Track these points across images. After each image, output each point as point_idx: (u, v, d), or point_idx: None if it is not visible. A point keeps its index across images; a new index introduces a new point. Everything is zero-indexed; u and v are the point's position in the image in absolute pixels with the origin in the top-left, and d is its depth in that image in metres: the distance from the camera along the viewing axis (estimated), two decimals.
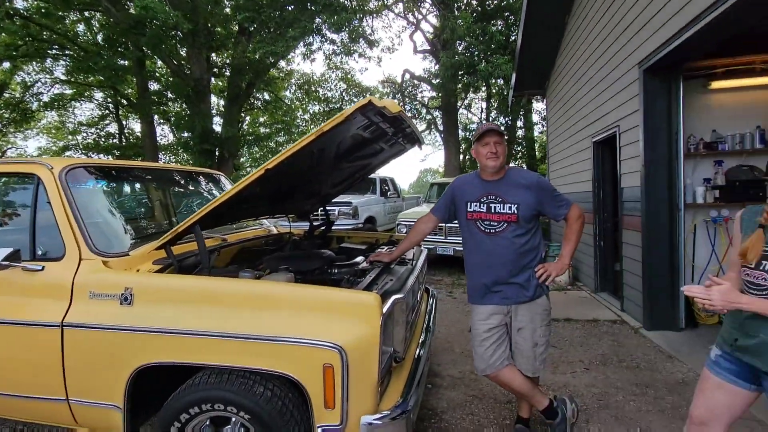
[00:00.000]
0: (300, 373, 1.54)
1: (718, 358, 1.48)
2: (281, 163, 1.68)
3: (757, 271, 1.35)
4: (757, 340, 1.32)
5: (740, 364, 1.40)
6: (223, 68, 15.52)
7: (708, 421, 1.48)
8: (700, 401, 1.51)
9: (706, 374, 1.51)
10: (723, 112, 4.16)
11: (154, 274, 1.79)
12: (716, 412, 1.46)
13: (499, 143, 2.03)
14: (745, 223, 1.46)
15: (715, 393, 1.46)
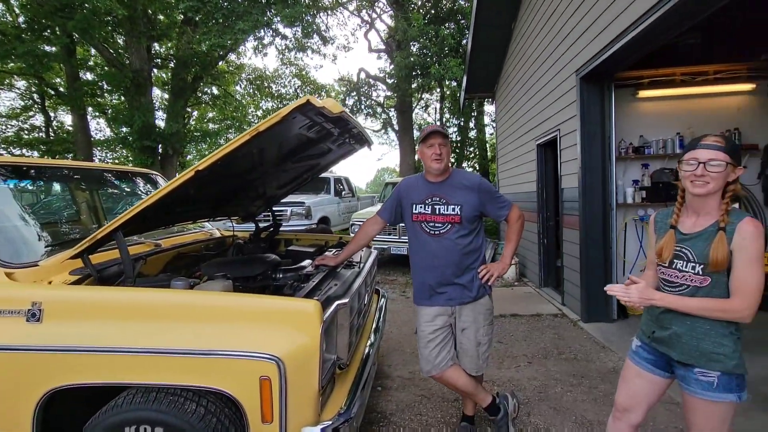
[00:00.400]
0: (235, 388, 1.45)
1: (638, 348, 1.59)
2: (214, 164, 1.57)
3: (671, 269, 1.45)
4: (670, 332, 1.44)
5: (657, 354, 1.52)
6: (167, 60, 14.60)
7: (630, 408, 1.58)
8: (623, 390, 1.61)
9: (628, 364, 1.62)
10: (649, 119, 4.51)
11: (67, 287, 1.62)
12: (637, 399, 1.56)
13: (444, 145, 2.05)
14: (658, 225, 1.57)
15: (636, 381, 1.57)
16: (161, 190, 1.57)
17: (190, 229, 3.09)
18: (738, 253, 1.31)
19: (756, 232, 1.30)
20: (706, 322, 1.37)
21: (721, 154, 1.33)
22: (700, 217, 1.42)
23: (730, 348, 1.35)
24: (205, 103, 17.84)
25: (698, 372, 1.38)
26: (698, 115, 4.45)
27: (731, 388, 1.35)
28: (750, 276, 1.30)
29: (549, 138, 5.13)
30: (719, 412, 1.36)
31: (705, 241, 1.36)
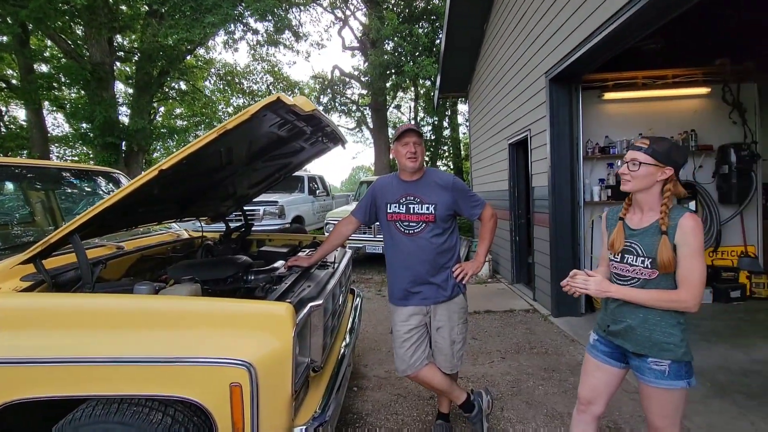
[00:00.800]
0: (203, 396, 1.39)
1: (596, 342, 1.66)
2: (179, 163, 1.50)
3: (622, 264, 1.53)
4: (625, 324, 1.51)
5: (613, 346, 1.59)
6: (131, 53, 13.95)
7: (593, 400, 1.65)
8: (586, 383, 1.68)
9: (588, 358, 1.69)
10: (614, 120, 4.69)
11: (18, 294, 1.51)
12: (599, 391, 1.63)
13: (418, 144, 2.04)
14: (609, 221, 1.65)
15: (596, 373, 1.64)
16: (122, 191, 1.48)
17: (156, 231, 2.96)
18: (681, 248, 1.39)
19: (696, 226, 1.39)
20: (657, 314, 1.45)
21: (640, 155, 1.44)
22: (645, 213, 1.51)
23: (678, 337, 1.44)
24: (173, 98, 17.17)
25: (651, 362, 1.45)
26: (659, 116, 4.67)
27: (681, 375, 1.43)
28: (693, 268, 1.38)
29: (520, 138, 5.24)
30: (673, 398, 1.44)
31: (651, 237, 1.45)
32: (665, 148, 1.44)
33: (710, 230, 4.62)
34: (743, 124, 4.61)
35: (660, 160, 1.43)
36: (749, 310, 4.24)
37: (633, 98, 4.65)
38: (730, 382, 2.78)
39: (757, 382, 2.76)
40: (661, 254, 1.40)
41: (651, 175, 1.44)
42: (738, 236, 4.71)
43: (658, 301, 1.42)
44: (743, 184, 4.46)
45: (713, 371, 2.93)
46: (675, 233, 1.40)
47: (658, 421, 1.49)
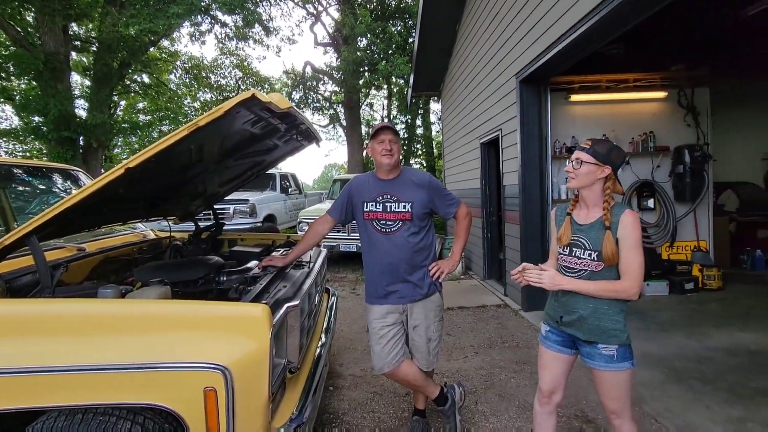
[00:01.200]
0: (176, 403, 1.35)
1: (548, 333, 1.77)
2: (148, 161, 1.44)
3: (570, 257, 1.64)
4: (577, 315, 1.62)
5: (564, 335, 1.70)
6: (88, 43, 13.17)
7: (555, 389, 1.76)
8: (545, 375, 1.77)
9: (543, 351, 1.78)
10: (580, 122, 4.89)
11: None
12: (558, 379, 1.75)
13: (394, 141, 2.04)
14: (558, 218, 1.77)
15: (554, 364, 1.74)
16: (85, 189, 1.40)
17: (120, 231, 2.83)
18: (622, 241, 1.52)
19: (635, 222, 1.53)
20: (606, 303, 1.57)
21: (583, 155, 1.58)
22: (590, 209, 1.63)
23: (622, 323, 1.58)
24: (135, 92, 16.37)
25: (601, 347, 1.58)
26: (621, 118, 4.90)
27: (626, 357, 1.57)
28: (633, 260, 1.51)
29: (492, 137, 5.36)
30: (622, 379, 1.57)
31: (597, 232, 1.57)
32: (605, 149, 1.58)
33: (667, 226, 4.91)
34: (696, 126, 4.91)
35: (600, 159, 1.56)
36: (702, 300, 4.54)
37: (597, 100, 4.86)
38: (685, 368, 2.96)
39: (711, 368, 2.96)
40: (605, 248, 1.52)
41: (592, 173, 1.57)
42: (691, 232, 5.02)
43: (605, 291, 1.54)
44: (696, 183, 4.75)
45: (670, 359, 3.12)
46: (617, 228, 1.53)
47: (613, 405, 1.61)
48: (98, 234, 2.60)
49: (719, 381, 2.76)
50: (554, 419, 1.81)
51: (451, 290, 5.53)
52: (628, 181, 4.89)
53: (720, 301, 4.48)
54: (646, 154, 4.87)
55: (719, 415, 2.36)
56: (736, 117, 6.76)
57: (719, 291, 4.80)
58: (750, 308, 4.21)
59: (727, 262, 5.70)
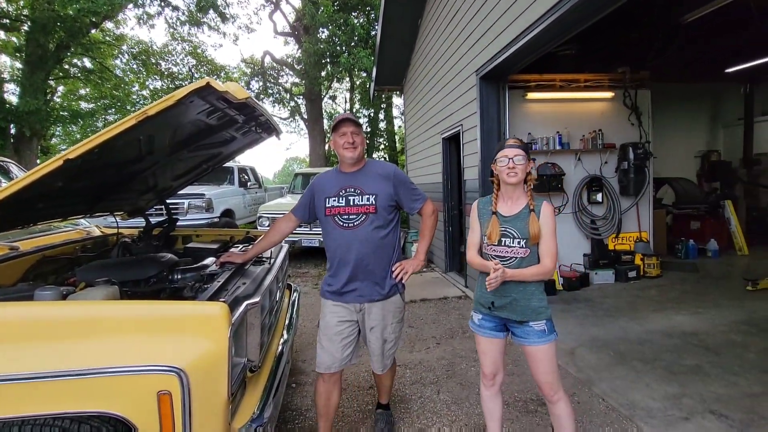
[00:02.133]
0: (126, 409, 1.27)
1: (481, 321, 1.87)
2: (90, 152, 1.33)
3: (500, 246, 1.77)
4: (510, 299, 1.75)
5: (496, 320, 1.82)
6: (18, 21, 11.98)
7: (497, 371, 1.90)
8: (486, 361, 1.89)
9: (480, 339, 1.89)
10: (535, 119, 5.09)
11: None
12: (498, 362, 1.88)
13: (357, 133, 1.98)
14: (481, 211, 1.87)
15: (491, 348, 1.87)
16: (17, 183, 1.28)
17: (60, 228, 2.62)
18: (544, 228, 1.72)
19: (552, 212, 1.76)
20: (532, 285, 1.75)
21: (521, 151, 1.73)
22: (513, 202, 1.79)
23: (545, 301, 1.77)
24: (74, 77, 15.13)
25: (533, 324, 1.74)
26: (573, 117, 5.15)
27: (552, 330, 1.76)
28: (553, 243, 1.74)
29: (453, 132, 5.46)
30: (552, 350, 1.75)
31: (523, 221, 1.73)
32: (526, 146, 1.80)
33: (613, 219, 5.24)
34: (639, 125, 5.26)
35: (528, 155, 1.76)
36: (643, 287, 4.90)
37: (552, 99, 5.07)
38: (628, 350, 3.19)
39: (650, 349, 3.21)
40: (532, 227, 1.71)
41: (526, 167, 1.75)
42: (634, 224, 5.40)
43: (538, 274, 1.73)
44: (639, 178, 5.10)
45: (615, 342, 3.35)
46: (539, 215, 1.73)
47: (549, 377, 1.76)
48: (34, 231, 2.38)
49: (657, 361, 3.00)
50: (500, 400, 1.95)
51: (414, 283, 5.61)
52: (579, 176, 5.17)
53: (658, 288, 4.86)
54: (595, 151, 5.16)
55: (658, 393, 2.57)
56: (674, 116, 7.33)
57: (658, 278, 5.20)
58: (684, 293, 4.61)
59: (664, 251, 6.20)
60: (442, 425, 2.36)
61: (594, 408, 2.45)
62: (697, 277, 5.28)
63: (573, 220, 5.20)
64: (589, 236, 5.25)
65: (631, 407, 2.42)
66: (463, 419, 2.41)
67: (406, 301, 2.23)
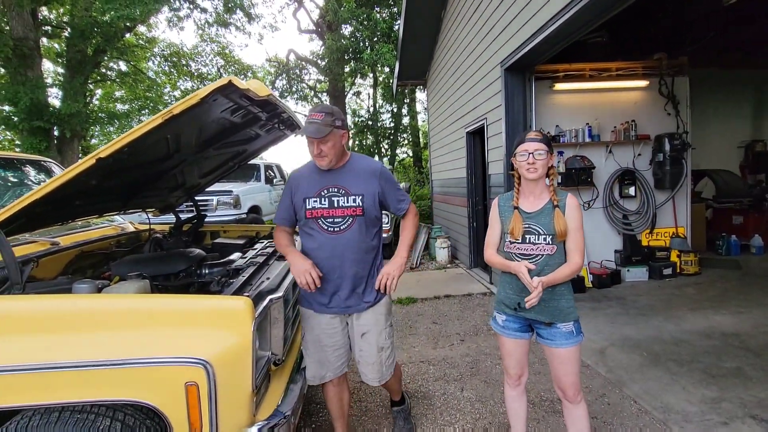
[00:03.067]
0: (156, 398, 1.32)
1: (505, 323, 1.80)
2: (120, 151, 1.38)
3: (525, 244, 1.69)
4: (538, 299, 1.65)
5: (521, 321, 1.76)
6: (60, 28, 12.62)
7: (521, 372, 1.85)
8: (511, 362, 1.83)
9: (504, 340, 1.82)
10: (563, 111, 4.91)
11: None
12: (522, 363, 1.83)
13: (324, 142, 1.70)
14: (502, 208, 1.80)
15: (517, 350, 1.81)
16: (53, 181, 1.35)
17: (97, 224, 2.74)
18: (570, 222, 1.64)
19: (578, 205, 1.68)
20: (561, 285, 1.66)
21: (542, 145, 1.64)
22: (536, 198, 1.71)
23: (572, 300, 1.69)
24: (111, 80, 15.82)
25: (561, 326, 1.66)
26: (603, 108, 4.94)
27: (580, 331, 1.69)
28: (580, 238, 1.66)
29: (477, 126, 5.36)
30: (578, 351, 1.68)
31: (547, 216, 1.66)
32: (548, 138, 1.70)
33: (647, 213, 5.01)
34: (676, 115, 4.99)
35: (550, 148, 1.67)
36: (679, 285, 4.67)
37: (581, 89, 4.88)
38: (663, 351, 3.05)
39: (687, 350, 3.06)
40: (558, 224, 1.62)
41: (547, 162, 1.67)
42: (670, 218, 5.15)
43: (570, 275, 1.64)
44: (675, 170, 4.85)
45: (649, 342, 3.21)
46: (564, 210, 1.65)
47: (571, 379, 1.69)
48: (73, 227, 2.51)
49: (695, 363, 2.86)
50: (525, 400, 1.92)
51: (438, 279, 5.57)
52: (610, 170, 4.97)
53: (696, 286, 4.62)
54: (628, 143, 4.94)
55: (694, 396, 2.45)
56: (715, 105, 6.91)
57: (696, 276, 4.95)
58: (724, 291, 4.36)
59: (703, 248, 5.88)
60: (466, 422, 2.34)
61: (625, 410, 2.36)
62: (739, 274, 4.98)
63: (603, 215, 5.01)
64: (621, 232, 5.04)
65: (665, 410, 2.32)
66: (487, 417, 2.38)
67: (430, 297, 2.19)
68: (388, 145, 19.24)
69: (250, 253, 2.36)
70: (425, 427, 2.32)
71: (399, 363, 2.19)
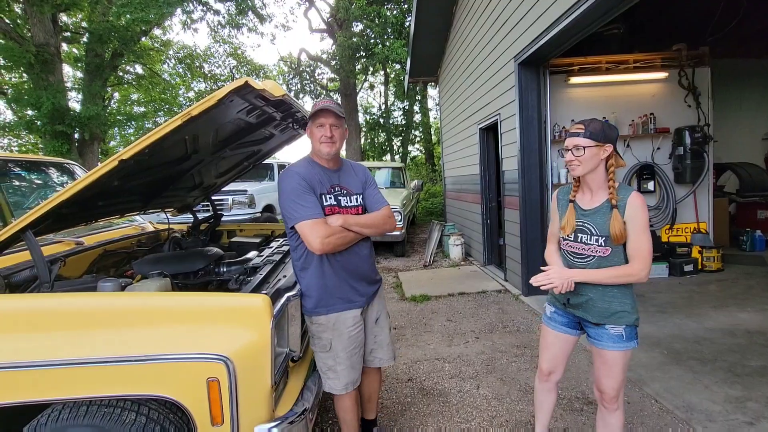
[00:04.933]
0: (179, 393, 1.36)
1: (553, 314, 1.77)
2: (141, 152, 1.42)
3: (577, 243, 1.61)
4: (586, 298, 1.61)
5: (570, 316, 1.70)
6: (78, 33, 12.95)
7: (554, 369, 1.80)
8: (547, 355, 1.80)
9: (546, 331, 1.79)
10: (579, 104, 4.83)
11: None
12: (559, 359, 1.78)
13: (337, 126, 1.75)
14: (560, 201, 1.72)
15: (556, 344, 1.76)
16: (79, 183, 1.39)
17: (118, 224, 2.82)
18: (630, 224, 1.50)
19: (643, 204, 1.51)
20: (614, 286, 1.56)
21: (581, 140, 1.51)
22: (594, 193, 1.59)
23: (631, 305, 1.58)
24: (128, 83, 16.18)
25: (610, 328, 1.57)
26: (620, 101, 4.84)
27: (632, 337, 1.58)
28: (643, 242, 1.50)
29: (490, 122, 5.30)
30: (626, 358, 1.59)
31: (603, 216, 1.54)
32: (599, 127, 1.53)
33: (667, 209, 4.90)
34: (697, 107, 4.85)
35: (599, 140, 1.51)
36: (701, 282, 4.56)
37: (597, 82, 4.79)
38: (684, 349, 2.99)
39: (709, 348, 2.98)
40: (613, 227, 1.50)
41: (595, 155, 1.52)
42: (691, 214, 5.02)
43: (617, 277, 1.52)
44: (696, 164, 4.72)
45: (669, 340, 3.14)
46: (624, 209, 1.51)
47: (612, 383, 1.61)
48: (96, 227, 2.58)
49: (718, 361, 2.79)
50: (554, 396, 1.87)
51: (452, 276, 5.55)
52: (628, 164, 4.86)
53: (719, 282, 4.50)
54: (646, 136, 4.83)
55: (718, 395, 2.39)
56: (738, 96, 6.70)
57: (718, 272, 4.82)
58: (749, 288, 4.24)
59: (727, 244, 5.72)
60: (482, 420, 2.33)
61: (646, 409, 2.32)
62: (764, 271, 4.83)
63: None
64: None
65: (687, 410, 2.27)
66: (504, 415, 2.37)
67: (444, 294, 2.20)
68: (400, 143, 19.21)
69: (266, 252, 2.40)
70: (441, 424, 2.32)
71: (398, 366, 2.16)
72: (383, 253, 7.30)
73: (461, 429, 2.27)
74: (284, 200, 1.71)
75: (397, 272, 5.96)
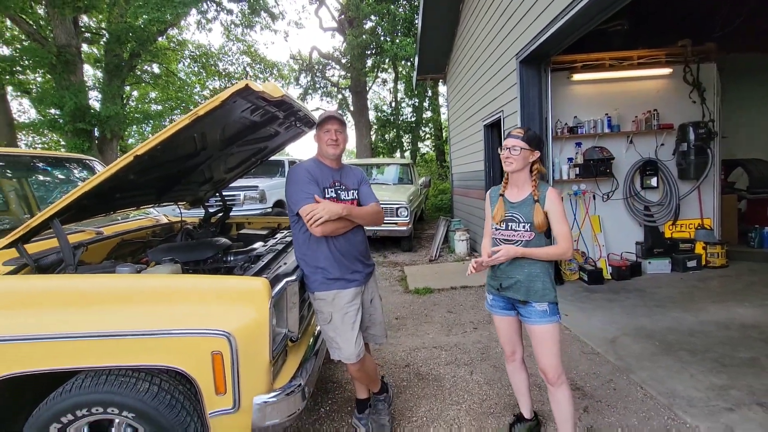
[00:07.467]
0: (187, 364, 1.52)
1: (493, 301, 2.00)
2: (154, 149, 1.58)
3: (507, 230, 1.88)
4: (514, 280, 1.85)
5: (505, 299, 1.93)
6: (98, 34, 13.36)
7: (514, 349, 2.04)
8: (503, 338, 2.04)
9: (493, 317, 2.03)
10: (582, 101, 4.86)
11: (5, 276, 1.58)
12: (513, 339, 2.02)
13: (341, 131, 2.04)
14: (492, 198, 1.99)
15: (505, 327, 2.00)
16: (98, 176, 1.56)
17: (135, 216, 3.02)
18: (551, 214, 1.79)
19: (558, 196, 1.81)
20: (537, 268, 1.81)
21: (518, 142, 1.80)
22: (520, 189, 1.88)
23: (550, 284, 1.83)
24: (145, 82, 16.60)
25: (536, 305, 1.82)
26: (623, 97, 4.86)
27: (555, 312, 1.82)
28: (563, 227, 1.79)
29: (494, 119, 5.38)
30: (554, 331, 1.82)
31: (528, 207, 1.82)
32: (535, 136, 1.84)
33: (670, 204, 4.91)
34: (702, 103, 4.84)
35: (531, 145, 1.81)
36: (703, 278, 4.57)
37: (600, 79, 4.82)
38: (677, 341, 3.05)
39: (702, 340, 3.04)
40: (536, 218, 1.79)
41: (526, 158, 1.81)
42: (695, 210, 5.01)
43: (548, 254, 1.79)
44: (700, 160, 4.72)
45: (664, 333, 3.21)
46: (544, 202, 1.80)
47: (551, 359, 1.82)
48: (114, 219, 2.78)
49: (708, 352, 2.85)
50: (524, 374, 2.08)
51: (456, 270, 5.66)
52: (630, 160, 4.89)
53: (722, 278, 4.51)
54: (650, 132, 4.84)
55: (702, 383, 2.46)
56: (748, 92, 6.59)
57: (723, 268, 4.81)
58: (750, 284, 4.24)
59: (735, 240, 5.68)
60: (473, 402, 2.46)
61: (630, 395, 2.41)
62: None
63: (624, 207, 4.95)
64: (643, 223, 4.96)
65: (670, 396, 2.35)
66: (494, 398, 2.49)
67: (447, 288, 2.35)
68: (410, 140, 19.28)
69: (270, 242, 2.56)
70: (433, 405, 2.45)
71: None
72: (390, 248, 7.44)
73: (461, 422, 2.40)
74: (291, 188, 1.98)
75: (402, 266, 6.09)
